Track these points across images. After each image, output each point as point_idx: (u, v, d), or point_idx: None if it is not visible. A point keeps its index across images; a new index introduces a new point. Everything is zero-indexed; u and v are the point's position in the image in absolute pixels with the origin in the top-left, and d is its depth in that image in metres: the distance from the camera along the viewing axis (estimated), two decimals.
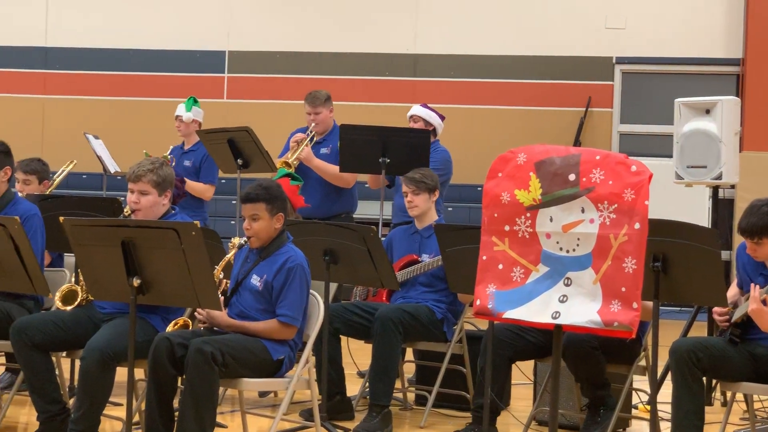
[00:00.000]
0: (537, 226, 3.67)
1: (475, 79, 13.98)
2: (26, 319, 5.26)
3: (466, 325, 6.42)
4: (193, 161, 8.15)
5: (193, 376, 4.71)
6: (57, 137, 14.14)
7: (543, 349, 5.62)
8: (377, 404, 5.99)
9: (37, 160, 6.95)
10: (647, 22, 13.69)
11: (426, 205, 6.40)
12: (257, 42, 14.21)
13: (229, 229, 9.35)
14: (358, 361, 6.99)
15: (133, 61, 14.45)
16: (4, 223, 4.85)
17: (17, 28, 14.58)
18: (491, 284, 3.73)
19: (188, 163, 8.19)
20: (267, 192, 5.12)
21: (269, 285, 5.06)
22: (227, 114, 11.91)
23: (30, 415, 6.02)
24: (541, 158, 3.68)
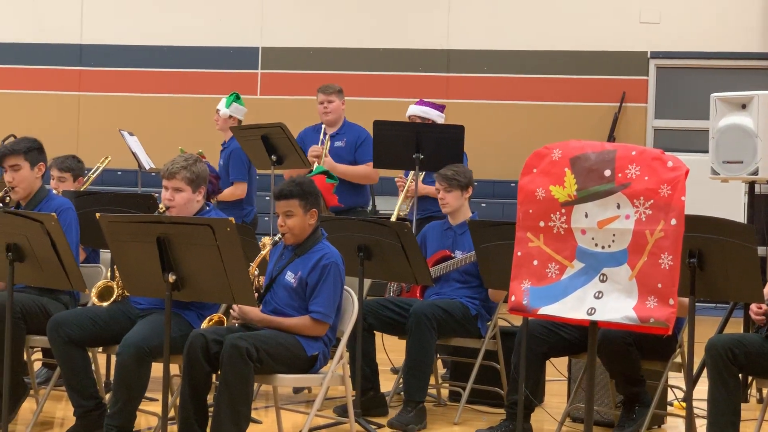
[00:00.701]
0: (572, 222, 3.66)
1: (508, 75, 13.94)
2: (63, 315, 5.30)
3: (500, 321, 6.41)
4: (224, 159, 8.18)
5: (228, 371, 4.73)
6: (92, 134, 14.23)
7: (577, 345, 5.59)
8: (411, 400, 5.99)
9: (72, 158, 7.00)
10: (682, 16, 13.60)
11: (458, 203, 6.38)
12: (290, 38, 14.24)
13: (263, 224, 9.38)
14: (392, 357, 6.99)
15: (167, 58, 14.51)
16: (41, 219, 4.89)
17: (52, 26, 14.69)
18: (526, 280, 3.72)
19: (221, 161, 8.21)
20: (300, 188, 5.12)
21: (303, 282, 5.07)
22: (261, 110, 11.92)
23: (66, 410, 6.06)
24: (576, 154, 3.66)
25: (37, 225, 4.89)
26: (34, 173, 5.72)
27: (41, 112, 14.42)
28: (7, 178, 5.70)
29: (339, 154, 7.73)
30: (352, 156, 7.77)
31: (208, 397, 4.99)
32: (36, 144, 5.77)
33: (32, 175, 5.71)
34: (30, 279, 5.21)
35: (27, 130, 7.80)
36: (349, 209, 7.56)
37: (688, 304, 4.91)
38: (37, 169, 5.74)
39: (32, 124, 12.94)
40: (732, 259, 4.83)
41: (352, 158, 7.77)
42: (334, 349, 5.16)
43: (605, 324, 3.61)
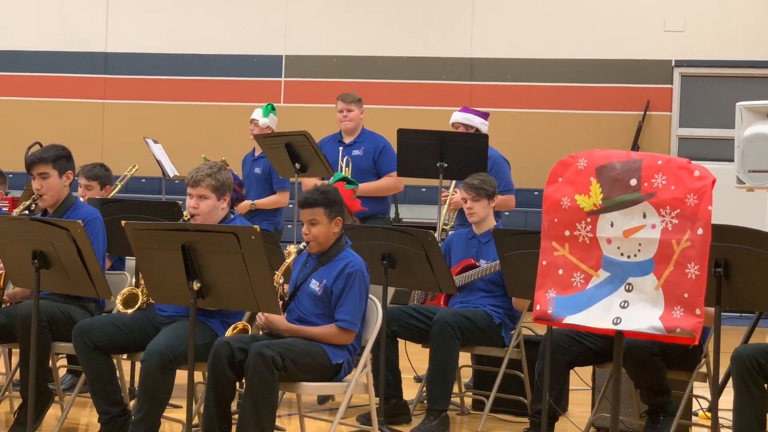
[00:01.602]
0: (598, 231, 3.65)
1: (531, 83, 13.93)
2: (88, 322, 5.32)
3: (524, 329, 6.39)
4: (262, 168, 8.20)
5: (253, 379, 4.73)
6: (117, 141, 14.30)
7: (602, 354, 5.57)
8: (434, 409, 5.98)
9: (100, 166, 7.02)
10: (707, 24, 13.55)
11: (485, 212, 6.38)
12: (314, 46, 14.27)
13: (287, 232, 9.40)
14: (416, 365, 6.98)
15: (191, 65, 14.57)
16: (67, 227, 4.90)
17: (78, 34, 14.78)
18: (551, 289, 3.71)
19: (258, 170, 8.24)
20: (325, 196, 5.13)
21: (328, 290, 5.07)
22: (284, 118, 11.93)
23: (91, 417, 6.08)
24: (601, 163, 3.65)
25: (63, 232, 4.91)
26: (63, 181, 5.73)
27: (66, 119, 14.50)
28: (35, 186, 5.71)
29: (357, 163, 7.74)
30: (371, 164, 7.77)
31: (232, 404, 5.00)
32: (65, 152, 5.78)
33: (60, 183, 5.72)
34: (56, 286, 5.23)
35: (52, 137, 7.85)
36: (370, 216, 7.57)
37: (713, 314, 4.88)
38: (65, 177, 5.75)
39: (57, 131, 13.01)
40: (758, 268, 4.80)
41: (370, 166, 7.78)
42: (358, 357, 5.15)
43: (631, 334, 3.60)
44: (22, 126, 14.25)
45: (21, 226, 5.12)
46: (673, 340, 3.50)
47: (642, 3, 13.70)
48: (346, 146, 7.83)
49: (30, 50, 14.91)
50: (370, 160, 7.76)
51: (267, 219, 8.05)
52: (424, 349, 6.26)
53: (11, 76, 15.01)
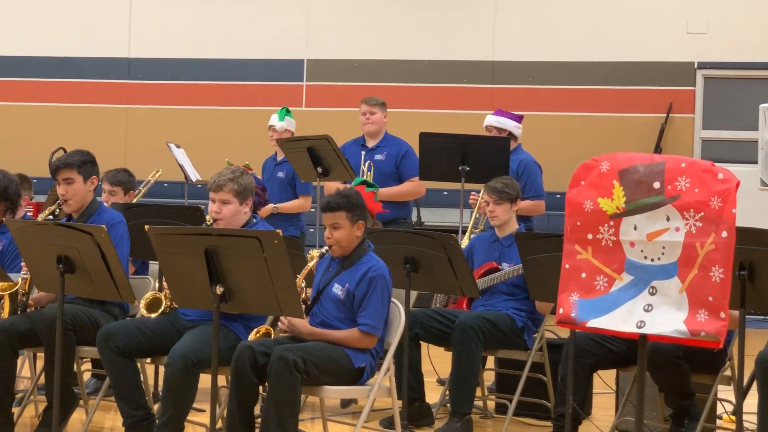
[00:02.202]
0: (621, 234, 3.64)
1: (553, 86, 13.91)
2: (112, 326, 5.35)
3: (547, 333, 6.38)
4: (286, 172, 8.21)
5: (275, 383, 4.74)
6: (139, 146, 14.36)
7: (625, 358, 5.55)
8: (457, 412, 5.98)
9: (123, 171, 7.05)
10: (729, 26, 13.50)
11: (507, 215, 6.37)
12: (335, 50, 14.30)
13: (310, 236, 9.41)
14: (438, 368, 6.98)
15: (213, 70, 14.62)
16: (92, 232, 4.93)
17: (100, 39, 14.85)
18: (574, 293, 3.70)
19: (282, 174, 8.25)
20: (347, 200, 5.13)
21: (351, 294, 5.08)
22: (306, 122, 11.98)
23: (116, 420, 6.11)
24: (624, 166, 3.64)
25: (88, 237, 4.93)
26: (87, 186, 5.76)
27: (90, 125, 14.57)
28: (60, 191, 5.74)
29: (379, 168, 7.74)
30: (393, 169, 7.77)
31: (255, 408, 5.01)
32: (89, 157, 5.81)
33: (85, 189, 5.75)
34: (80, 290, 5.25)
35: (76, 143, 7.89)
36: (391, 221, 7.57)
37: (738, 317, 4.86)
38: (90, 183, 5.77)
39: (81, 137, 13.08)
40: None
41: (392, 171, 7.78)
42: (381, 360, 5.16)
43: (655, 337, 3.59)
44: (46, 131, 14.33)
45: (46, 231, 5.16)
46: (698, 343, 3.49)
47: (664, 5, 13.65)
48: (369, 150, 7.84)
49: (53, 56, 14.99)
50: (392, 165, 7.76)
51: (291, 223, 8.06)
52: (446, 352, 6.26)
53: (35, 82, 15.10)
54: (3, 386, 5.53)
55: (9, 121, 14.91)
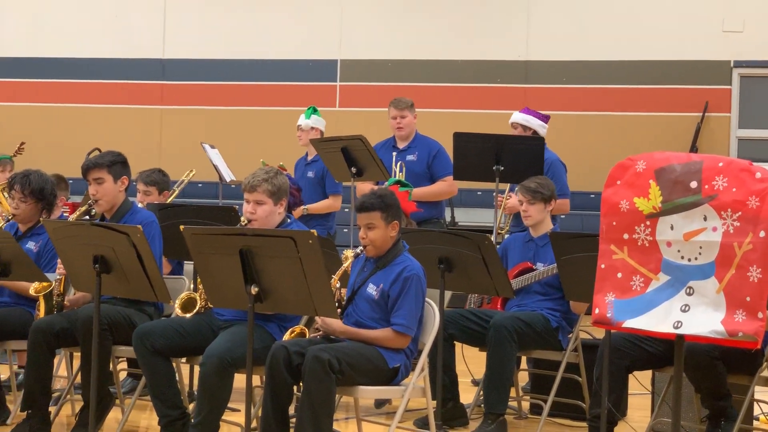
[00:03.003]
0: (657, 234, 3.62)
1: (587, 86, 13.84)
2: (148, 326, 5.37)
3: (582, 333, 6.35)
4: (315, 172, 8.21)
5: (310, 383, 4.75)
6: (174, 147, 14.43)
7: (661, 358, 5.52)
8: (492, 413, 5.96)
9: (157, 171, 7.09)
10: (766, 24, 13.38)
11: (541, 215, 6.35)
12: (369, 51, 14.30)
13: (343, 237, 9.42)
14: (473, 368, 6.97)
15: (246, 71, 14.67)
16: (127, 232, 4.96)
17: (135, 41, 14.94)
18: (610, 293, 3.68)
19: (311, 174, 8.25)
20: (382, 200, 5.13)
21: (385, 294, 5.07)
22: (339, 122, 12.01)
23: (151, 420, 6.14)
24: (661, 165, 3.62)
25: (123, 237, 4.95)
26: (117, 186, 5.79)
27: (125, 126, 14.66)
28: (90, 191, 5.78)
29: (411, 169, 7.73)
30: (425, 169, 7.76)
31: (290, 408, 5.02)
32: (120, 158, 5.84)
33: (115, 189, 5.78)
34: (116, 290, 5.28)
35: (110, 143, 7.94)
36: (424, 221, 7.56)
37: None
38: (121, 183, 5.81)
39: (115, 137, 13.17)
40: None
41: (424, 171, 7.76)
42: (415, 360, 5.15)
43: (692, 338, 3.56)
44: (82, 132, 14.43)
45: (82, 231, 5.19)
46: (735, 344, 3.47)
47: (700, 3, 13.56)
48: (400, 151, 7.83)
49: (88, 58, 15.09)
50: (424, 165, 7.75)
51: (320, 224, 8.05)
52: (481, 352, 6.24)
53: (70, 83, 15.21)
54: (40, 386, 5.58)
55: (46, 123, 15.03)
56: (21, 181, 6.07)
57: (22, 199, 6.07)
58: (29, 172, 6.14)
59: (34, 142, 13.76)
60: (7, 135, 14.23)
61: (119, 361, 6.45)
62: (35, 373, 5.56)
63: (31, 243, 6.05)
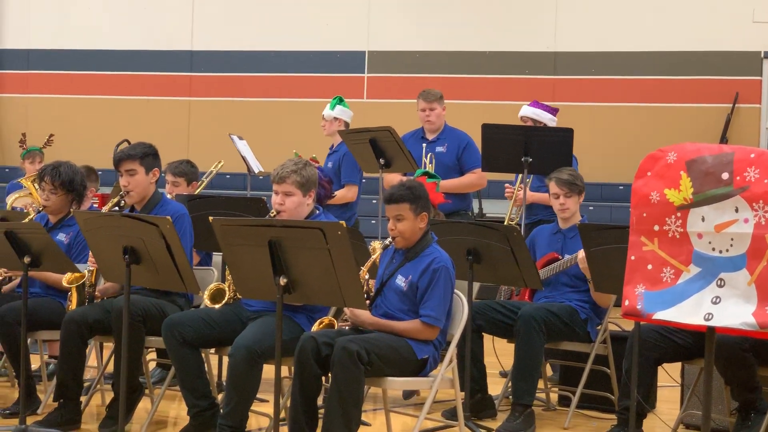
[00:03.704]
0: (688, 225, 3.59)
1: (616, 77, 13.78)
2: (178, 316, 5.39)
3: (611, 325, 6.33)
4: (333, 162, 8.22)
5: (339, 374, 4.75)
6: (202, 138, 14.48)
7: (691, 350, 5.50)
8: (520, 404, 5.95)
9: (186, 162, 7.11)
10: None
11: (576, 207, 6.36)
12: (396, 42, 14.29)
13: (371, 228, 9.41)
14: (502, 360, 6.96)
15: (274, 62, 14.69)
16: (157, 223, 4.97)
17: (164, 33, 14.99)
18: (640, 284, 3.66)
19: (330, 165, 8.26)
20: (411, 192, 5.13)
21: (414, 286, 5.07)
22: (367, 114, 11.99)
23: (180, 410, 6.17)
24: (692, 157, 3.60)
25: (153, 228, 4.97)
26: (149, 178, 5.81)
27: (153, 117, 14.72)
28: (122, 183, 5.81)
29: (440, 160, 7.72)
30: (454, 161, 7.75)
31: (318, 399, 5.03)
32: (151, 149, 5.86)
33: (147, 180, 5.80)
34: (146, 281, 5.31)
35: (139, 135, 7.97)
36: (452, 213, 7.54)
37: None
38: (152, 174, 5.83)
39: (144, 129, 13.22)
40: None
41: (454, 163, 7.75)
42: (444, 352, 5.15)
43: (723, 330, 3.54)
44: (111, 124, 14.50)
45: (112, 222, 5.22)
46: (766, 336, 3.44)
47: None
48: (429, 143, 7.82)
49: (117, 49, 15.16)
50: (453, 157, 7.74)
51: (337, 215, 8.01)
52: (509, 344, 6.24)
53: (99, 75, 15.29)
54: (72, 375, 5.62)
55: (75, 114, 15.11)
56: (51, 173, 6.10)
57: (52, 191, 6.10)
58: (59, 163, 6.17)
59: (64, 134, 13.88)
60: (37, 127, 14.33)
61: (148, 352, 6.48)
62: (68, 363, 5.60)
63: (62, 234, 6.09)
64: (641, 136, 13.04)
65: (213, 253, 6.80)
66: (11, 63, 15.62)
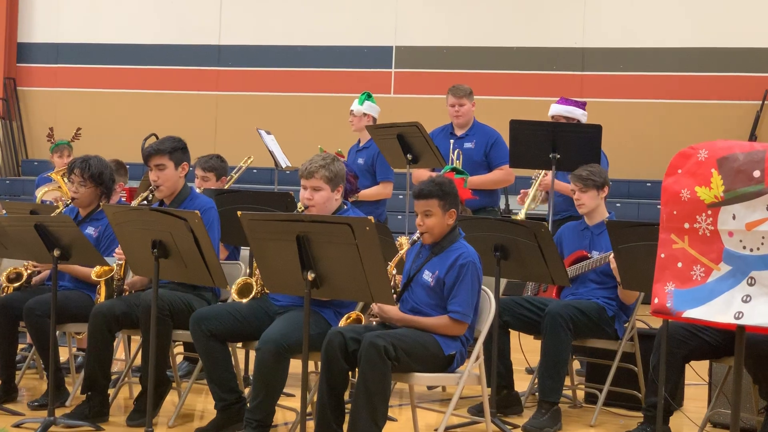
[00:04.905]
0: (719, 223, 3.57)
1: (644, 73, 13.72)
2: (205, 310, 5.41)
3: (638, 323, 6.30)
4: (365, 159, 8.21)
5: (366, 369, 4.76)
6: (229, 133, 14.53)
7: (719, 349, 5.47)
8: (546, 401, 5.94)
9: (216, 157, 7.13)
10: None
11: (594, 202, 6.32)
12: (424, 37, 14.28)
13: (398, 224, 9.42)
14: (529, 357, 6.94)
15: (302, 57, 14.71)
16: (185, 217, 4.99)
17: (191, 27, 15.04)
18: (670, 282, 3.64)
19: (361, 161, 8.25)
20: (440, 188, 5.12)
21: (441, 281, 5.07)
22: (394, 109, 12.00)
23: (207, 403, 6.20)
24: (723, 154, 3.57)
25: (181, 222, 4.99)
26: (178, 172, 5.84)
27: (181, 111, 14.78)
28: (152, 177, 5.83)
29: (468, 156, 7.71)
30: (483, 157, 7.73)
31: (345, 394, 5.03)
32: (181, 144, 5.88)
33: (176, 175, 5.83)
34: (174, 275, 5.33)
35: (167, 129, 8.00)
36: (479, 209, 7.53)
37: None
38: (181, 169, 5.85)
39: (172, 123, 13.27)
40: None
41: (482, 159, 7.74)
42: (471, 348, 5.15)
43: (753, 328, 3.52)
44: (139, 118, 14.57)
45: (141, 216, 5.24)
46: None
47: None
48: (458, 139, 7.81)
49: (145, 44, 15.22)
50: (481, 153, 7.73)
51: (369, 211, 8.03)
52: (536, 341, 6.23)
53: (127, 69, 15.35)
54: (100, 368, 5.65)
55: (103, 108, 15.19)
56: (81, 166, 6.13)
57: (81, 183, 6.13)
58: (89, 157, 6.20)
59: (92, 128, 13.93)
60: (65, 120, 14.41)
61: (175, 345, 6.50)
62: (96, 356, 5.63)
63: (91, 228, 6.11)
64: (669, 132, 12.98)
65: (241, 247, 6.81)
66: (40, 57, 15.72)
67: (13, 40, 15.96)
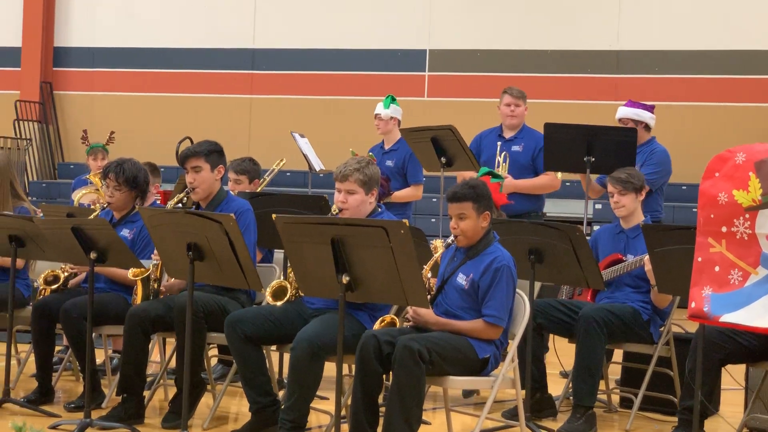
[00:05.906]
0: (757, 227, 3.55)
1: (680, 75, 13.63)
2: (240, 313, 5.43)
3: (674, 327, 6.26)
4: (395, 161, 8.20)
5: (400, 373, 4.76)
6: (263, 136, 14.57)
7: (756, 352, 5.42)
8: (581, 405, 5.91)
9: (249, 160, 7.15)
10: None
11: (633, 205, 6.28)
12: (458, 40, 14.27)
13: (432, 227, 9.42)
14: (563, 360, 6.91)
15: (336, 60, 14.74)
16: (220, 220, 5.01)
17: (226, 31, 15.11)
18: (707, 287, 3.63)
19: (390, 163, 8.24)
20: (474, 191, 5.12)
21: (475, 284, 5.06)
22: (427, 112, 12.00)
23: (241, 406, 6.22)
24: (762, 158, 3.55)
25: (216, 225, 5.01)
26: (214, 175, 5.87)
27: (215, 115, 14.85)
28: (188, 180, 5.86)
29: (516, 159, 7.66)
30: (530, 161, 7.67)
31: (379, 397, 5.03)
32: (217, 147, 5.91)
33: (212, 177, 5.86)
34: (209, 278, 5.35)
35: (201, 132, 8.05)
36: (523, 214, 7.47)
37: None
38: (217, 172, 5.88)
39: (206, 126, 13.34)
40: None
41: (529, 163, 7.68)
42: (505, 351, 5.13)
43: None
44: (173, 121, 14.65)
45: (176, 218, 5.26)
46: None
47: None
48: (506, 141, 7.74)
49: (179, 47, 15.31)
50: (529, 157, 7.65)
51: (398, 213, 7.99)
52: (570, 344, 6.20)
53: (162, 72, 15.44)
54: (135, 370, 5.68)
55: (137, 112, 15.29)
56: (115, 170, 6.16)
57: (116, 187, 6.16)
58: (123, 160, 6.23)
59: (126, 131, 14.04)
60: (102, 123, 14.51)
61: (210, 348, 6.53)
62: (131, 358, 5.66)
63: (126, 230, 6.15)
64: (704, 135, 12.89)
65: (275, 250, 6.83)
66: (76, 61, 15.84)
67: (50, 44, 16.10)
